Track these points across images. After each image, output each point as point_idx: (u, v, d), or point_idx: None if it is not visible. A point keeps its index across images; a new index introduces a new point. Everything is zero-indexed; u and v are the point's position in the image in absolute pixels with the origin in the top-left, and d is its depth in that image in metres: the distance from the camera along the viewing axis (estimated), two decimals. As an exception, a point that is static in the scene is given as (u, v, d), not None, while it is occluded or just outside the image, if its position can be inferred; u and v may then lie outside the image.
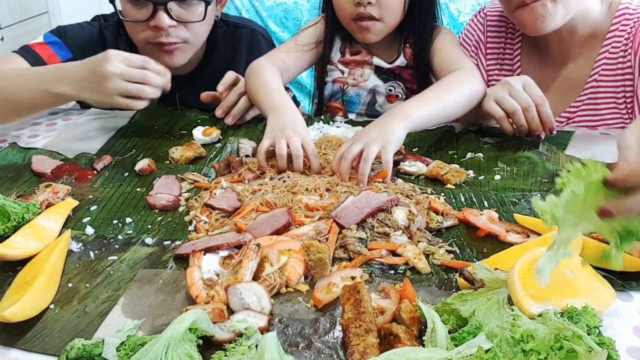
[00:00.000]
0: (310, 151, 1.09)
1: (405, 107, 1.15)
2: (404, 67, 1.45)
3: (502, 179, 1.10)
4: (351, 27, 1.38)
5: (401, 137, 1.09)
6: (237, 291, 0.73)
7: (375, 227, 0.89)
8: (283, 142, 1.08)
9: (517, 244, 0.88)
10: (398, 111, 1.14)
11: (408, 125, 1.11)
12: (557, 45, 1.36)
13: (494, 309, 0.68)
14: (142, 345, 0.63)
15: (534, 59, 1.42)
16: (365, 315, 0.68)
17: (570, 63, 1.37)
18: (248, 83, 1.34)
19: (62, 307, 0.76)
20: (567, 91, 1.38)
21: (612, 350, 0.59)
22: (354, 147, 1.05)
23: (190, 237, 0.92)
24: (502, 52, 1.48)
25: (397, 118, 1.11)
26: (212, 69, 1.54)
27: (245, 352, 0.63)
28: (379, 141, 1.05)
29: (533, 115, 1.15)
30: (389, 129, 1.08)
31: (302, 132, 1.11)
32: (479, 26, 1.51)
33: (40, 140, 1.31)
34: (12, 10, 2.93)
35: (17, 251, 0.83)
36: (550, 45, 1.37)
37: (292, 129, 1.10)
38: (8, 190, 1.04)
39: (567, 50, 1.36)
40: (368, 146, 1.04)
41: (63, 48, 1.40)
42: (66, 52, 1.41)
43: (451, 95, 1.22)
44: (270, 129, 1.13)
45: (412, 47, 1.43)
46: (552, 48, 1.37)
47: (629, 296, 0.77)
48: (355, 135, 1.13)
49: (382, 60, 1.45)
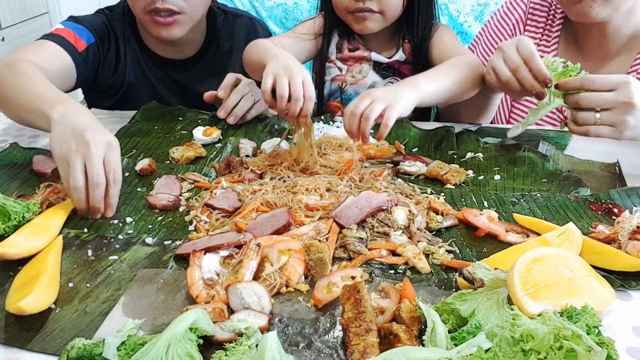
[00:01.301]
0: (309, 93, 1.05)
1: (415, 79, 1.15)
2: (403, 62, 1.45)
3: (502, 179, 1.11)
4: (348, 18, 1.38)
5: (409, 105, 1.09)
6: (238, 291, 0.73)
7: (375, 226, 0.90)
8: (285, 81, 1.04)
9: (516, 243, 0.88)
10: (409, 81, 1.14)
11: (418, 96, 1.11)
12: (598, 41, 1.33)
13: (493, 308, 0.68)
14: (142, 344, 0.63)
15: (571, 52, 1.40)
16: (365, 315, 0.68)
17: (607, 61, 1.35)
18: (247, 53, 1.32)
19: (62, 307, 0.76)
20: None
21: (611, 349, 0.59)
22: (362, 103, 1.04)
23: (190, 236, 0.92)
24: (541, 36, 1.45)
25: (408, 88, 1.11)
26: (212, 56, 1.58)
27: (246, 351, 0.63)
28: (387, 100, 1.04)
29: (523, 75, 1.11)
30: (398, 92, 1.08)
31: (303, 71, 1.07)
32: (522, 6, 1.48)
33: (41, 140, 1.31)
34: (13, 10, 2.93)
35: (17, 250, 0.83)
36: (590, 39, 1.35)
37: (294, 67, 1.07)
38: (9, 190, 1.04)
39: (607, 47, 1.34)
40: (374, 102, 1.03)
41: (85, 32, 1.41)
42: (89, 36, 1.42)
43: (459, 73, 1.22)
44: (272, 67, 1.08)
45: (411, 42, 1.43)
46: (592, 42, 1.35)
47: (628, 296, 0.78)
48: (363, 92, 1.12)
49: (380, 55, 1.45)
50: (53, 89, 1.10)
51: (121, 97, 1.54)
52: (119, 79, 1.52)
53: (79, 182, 0.91)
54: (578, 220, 0.94)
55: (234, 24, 1.61)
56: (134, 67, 1.53)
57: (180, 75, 1.56)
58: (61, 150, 0.93)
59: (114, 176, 0.94)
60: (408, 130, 1.32)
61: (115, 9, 1.52)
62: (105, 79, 1.51)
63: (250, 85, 1.38)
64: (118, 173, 0.95)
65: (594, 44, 1.35)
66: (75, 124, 0.96)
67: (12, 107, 1.15)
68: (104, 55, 1.48)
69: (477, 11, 2.19)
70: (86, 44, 1.40)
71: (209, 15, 1.55)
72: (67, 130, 0.95)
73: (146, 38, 1.52)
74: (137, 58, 1.53)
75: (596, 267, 0.78)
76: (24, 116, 1.11)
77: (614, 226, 0.88)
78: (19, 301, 0.70)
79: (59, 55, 1.33)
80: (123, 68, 1.52)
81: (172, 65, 1.55)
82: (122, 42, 1.50)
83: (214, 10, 1.57)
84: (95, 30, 1.44)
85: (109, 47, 1.49)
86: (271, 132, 1.35)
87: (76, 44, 1.38)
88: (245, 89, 1.37)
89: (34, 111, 1.05)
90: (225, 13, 1.61)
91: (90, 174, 0.92)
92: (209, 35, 1.57)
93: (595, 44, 1.34)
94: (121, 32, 1.50)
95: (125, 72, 1.52)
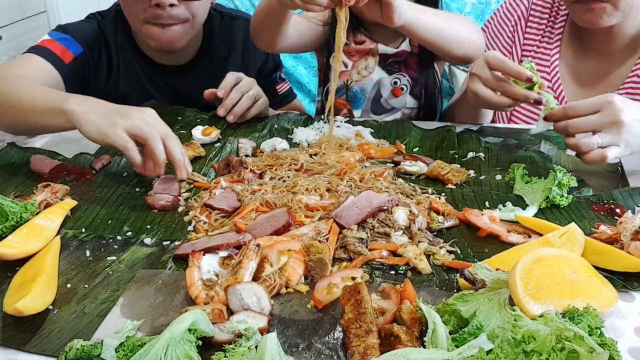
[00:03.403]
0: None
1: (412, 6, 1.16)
2: (409, 53, 1.44)
3: (503, 179, 1.10)
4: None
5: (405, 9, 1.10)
6: (237, 292, 0.72)
7: (375, 227, 0.89)
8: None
9: (518, 244, 0.87)
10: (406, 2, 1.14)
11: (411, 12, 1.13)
12: (602, 39, 1.33)
13: (495, 309, 0.67)
14: (141, 346, 0.63)
15: (574, 48, 1.39)
16: (365, 316, 0.67)
17: (610, 59, 1.34)
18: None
19: (60, 308, 0.75)
20: (602, 87, 1.35)
21: (613, 351, 0.59)
22: None
23: (189, 237, 0.91)
24: (543, 33, 1.44)
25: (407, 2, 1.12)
26: (210, 60, 1.55)
27: (245, 353, 0.63)
28: None
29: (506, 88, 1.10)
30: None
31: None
32: (524, 2, 1.47)
33: (39, 140, 1.30)
34: (11, 9, 2.92)
35: (14, 251, 0.83)
36: (595, 37, 1.34)
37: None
38: (6, 190, 1.04)
39: (611, 46, 1.33)
40: None
41: (73, 43, 1.40)
42: (76, 46, 1.40)
43: (455, 23, 1.24)
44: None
45: None
46: (596, 41, 1.34)
47: (631, 297, 0.77)
48: None
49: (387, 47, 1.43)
50: (54, 90, 1.10)
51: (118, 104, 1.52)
52: (112, 88, 1.49)
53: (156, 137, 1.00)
54: (580, 220, 0.94)
55: (231, 25, 1.58)
56: (128, 75, 1.50)
57: (177, 81, 1.53)
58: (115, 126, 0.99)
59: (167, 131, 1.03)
60: (409, 130, 1.31)
61: (107, 15, 1.49)
62: (98, 87, 1.48)
63: (251, 83, 1.37)
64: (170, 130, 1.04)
65: (598, 43, 1.34)
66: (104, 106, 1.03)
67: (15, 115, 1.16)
68: (95, 64, 1.46)
69: (478, 10, 2.19)
70: (73, 55, 1.38)
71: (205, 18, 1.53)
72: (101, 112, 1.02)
73: (141, 44, 1.49)
74: (132, 65, 1.50)
75: (598, 268, 0.78)
76: (33, 119, 1.12)
77: (616, 226, 0.88)
78: (16, 302, 0.70)
79: (44, 69, 1.32)
80: (116, 76, 1.49)
81: (169, 71, 1.52)
82: (113, 49, 1.47)
83: (210, 13, 1.53)
84: (84, 39, 1.42)
85: (99, 55, 1.46)
86: (271, 131, 1.34)
87: (63, 55, 1.36)
88: (246, 87, 1.36)
89: (46, 111, 1.06)
90: (222, 15, 1.58)
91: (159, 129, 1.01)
92: (205, 39, 1.54)
93: (600, 42, 1.34)
94: (113, 39, 1.47)
95: (119, 80, 1.49)
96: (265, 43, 1.34)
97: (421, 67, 1.45)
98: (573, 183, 1.00)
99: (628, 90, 1.32)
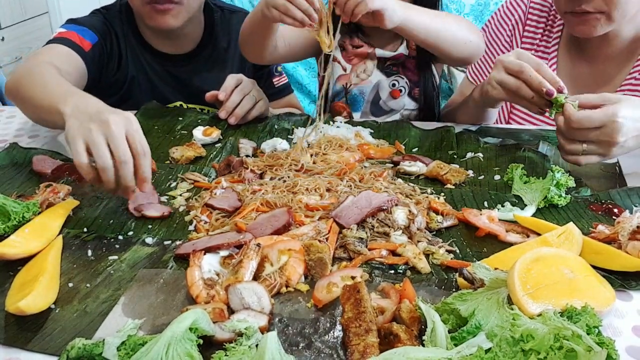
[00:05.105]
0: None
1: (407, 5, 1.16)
2: (407, 56, 1.44)
3: (502, 179, 1.10)
4: None
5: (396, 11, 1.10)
6: (238, 291, 0.73)
7: (375, 227, 0.89)
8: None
9: (516, 243, 0.88)
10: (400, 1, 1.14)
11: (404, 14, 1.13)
12: (599, 44, 1.33)
13: (493, 308, 0.68)
14: (142, 344, 0.63)
15: (572, 54, 1.40)
16: (365, 315, 0.68)
17: (608, 62, 1.35)
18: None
19: (62, 307, 0.76)
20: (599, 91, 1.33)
21: (611, 349, 0.59)
22: None
23: (190, 237, 0.92)
24: (540, 37, 1.44)
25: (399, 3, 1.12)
26: (210, 51, 1.60)
27: (246, 351, 0.63)
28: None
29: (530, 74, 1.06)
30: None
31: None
32: (521, 6, 1.48)
33: (41, 140, 1.31)
34: (13, 10, 2.93)
35: (17, 250, 0.83)
36: (591, 42, 1.34)
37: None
38: (9, 190, 1.04)
39: (608, 50, 1.34)
40: None
41: (88, 32, 1.43)
42: (92, 35, 1.43)
43: (452, 24, 1.24)
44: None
45: None
46: (593, 45, 1.34)
47: (629, 296, 0.77)
48: None
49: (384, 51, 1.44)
50: (63, 84, 1.10)
51: (125, 92, 1.55)
52: (122, 75, 1.54)
53: (107, 161, 0.86)
54: (578, 220, 0.94)
55: (230, 19, 1.63)
56: (135, 62, 1.55)
57: (179, 69, 1.58)
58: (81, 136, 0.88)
59: (142, 148, 0.90)
60: (408, 130, 1.32)
61: (112, 8, 1.54)
62: (109, 76, 1.52)
63: (252, 85, 1.38)
64: (144, 145, 0.91)
65: (595, 47, 1.35)
66: (88, 110, 0.92)
67: (32, 110, 1.17)
68: (109, 53, 1.50)
69: (477, 11, 2.20)
70: (91, 43, 1.42)
71: (206, 11, 1.58)
72: (81, 117, 0.91)
73: (145, 33, 1.54)
74: (136, 54, 1.55)
75: (596, 267, 0.78)
76: (43, 117, 1.12)
77: (614, 226, 0.88)
78: (18, 301, 0.71)
79: (71, 56, 1.34)
80: (125, 64, 1.54)
81: (171, 60, 1.57)
82: (121, 39, 1.52)
83: (210, 6, 1.60)
84: (97, 29, 1.46)
85: (111, 44, 1.50)
86: (271, 132, 1.35)
87: (82, 44, 1.39)
88: (247, 88, 1.37)
89: (49, 110, 1.06)
90: (222, 9, 1.64)
91: (116, 152, 0.87)
92: (206, 30, 1.59)
93: (597, 46, 1.34)
94: (120, 30, 1.52)
95: (128, 67, 1.54)
96: (253, 55, 1.37)
97: (419, 69, 1.45)
98: (571, 183, 1.00)
99: (625, 93, 1.32)
